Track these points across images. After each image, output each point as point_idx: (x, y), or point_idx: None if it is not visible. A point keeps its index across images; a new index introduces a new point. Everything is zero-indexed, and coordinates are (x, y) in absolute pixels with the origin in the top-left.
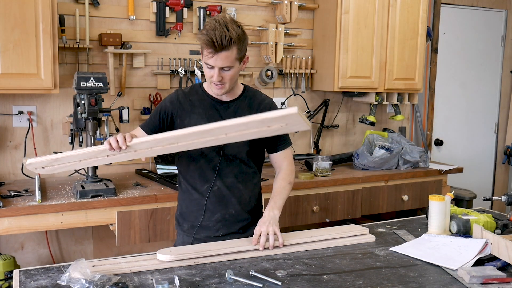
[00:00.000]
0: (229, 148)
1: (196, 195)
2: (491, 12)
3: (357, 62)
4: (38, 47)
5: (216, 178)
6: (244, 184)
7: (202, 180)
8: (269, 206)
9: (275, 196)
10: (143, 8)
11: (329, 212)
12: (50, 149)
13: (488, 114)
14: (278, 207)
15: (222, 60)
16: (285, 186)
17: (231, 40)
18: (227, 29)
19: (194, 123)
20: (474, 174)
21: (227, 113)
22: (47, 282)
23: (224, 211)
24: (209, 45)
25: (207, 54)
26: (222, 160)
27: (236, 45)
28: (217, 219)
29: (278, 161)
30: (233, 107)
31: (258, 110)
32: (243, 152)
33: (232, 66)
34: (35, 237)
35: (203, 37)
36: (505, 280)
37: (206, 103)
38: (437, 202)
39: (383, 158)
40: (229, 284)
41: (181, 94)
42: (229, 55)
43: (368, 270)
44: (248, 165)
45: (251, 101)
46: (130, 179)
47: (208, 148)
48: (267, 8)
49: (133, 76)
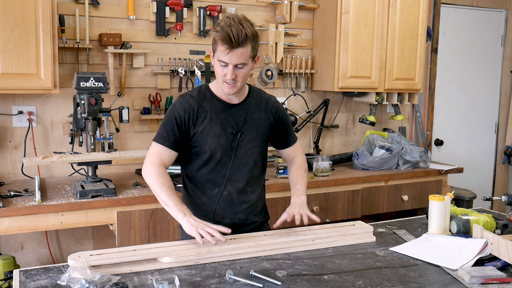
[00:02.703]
0: (241, 151)
1: (204, 199)
2: (491, 12)
3: (357, 62)
4: (38, 47)
5: (227, 183)
6: (252, 188)
7: (212, 185)
8: (294, 193)
9: (297, 184)
10: (143, 8)
11: (329, 212)
12: (50, 149)
13: (488, 114)
14: (303, 192)
15: (238, 57)
16: (303, 174)
17: (247, 37)
18: (242, 26)
19: (208, 129)
20: (474, 174)
21: (238, 115)
22: (47, 282)
23: (233, 215)
24: (226, 41)
25: (224, 50)
26: (234, 165)
27: (250, 42)
28: (225, 223)
29: (291, 154)
30: (244, 108)
31: (266, 110)
32: (256, 154)
33: (246, 64)
34: (35, 237)
35: (219, 34)
36: (505, 280)
37: (217, 107)
38: (437, 202)
39: (383, 158)
40: (229, 284)
41: (192, 101)
42: (245, 52)
43: (368, 270)
44: (258, 167)
45: (258, 100)
46: (130, 179)
47: (221, 153)
48: (267, 8)
49: (133, 76)
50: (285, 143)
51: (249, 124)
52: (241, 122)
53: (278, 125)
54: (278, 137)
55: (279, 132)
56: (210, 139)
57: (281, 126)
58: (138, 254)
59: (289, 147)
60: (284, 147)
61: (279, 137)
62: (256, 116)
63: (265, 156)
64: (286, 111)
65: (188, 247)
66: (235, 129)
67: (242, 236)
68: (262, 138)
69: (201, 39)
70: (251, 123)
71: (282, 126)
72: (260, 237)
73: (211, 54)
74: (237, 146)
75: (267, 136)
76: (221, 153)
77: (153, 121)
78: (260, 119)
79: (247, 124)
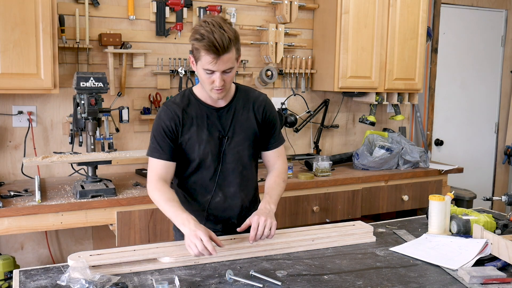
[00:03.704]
0: (229, 156)
1: (196, 207)
2: (491, 12)
3: (357, 62)
4: (38, 47)
5: (217, 190)
6: (245, 192)
7: (203, 191)
8: (264, 200)
9: (270, 191)
10: (143, 8)
11: (329, 212)
12: (50, 149)
13: (488, 114)
14: (274, 202)
15: (225, 63)
16: (280, 183)
17: (231, 41)
18: (223, 29)
19: (196, 136)
20: (474, 174)
21: (224, 118)
22: (47, 282)
23: (226, 221)
24: (211, 50)
25: (210, 61)
26: (224, 169)
27: (234, 45)
28: (219, 229)
29: (272, 160)
30: (230, 111)
31: (254, 109)
32: (245, 156)
33: (233, 67)
34: (35, 237)
35: (201, 43)
36: (505, 280)
37: (203, 112)
38: (437, 202)
39: (383, 158)
40: (229, 284)
41: (176, 108)
42: (231, 56)
43: (368, 270)
44: (249, 170)
45: (245, 100)
46: (130, 179)
47: (210, 159)
48: (267, 8)
49: (133, 76)
50: (266, 145)
51: (236, 127)
52: (227, 125)
53: (264, 124)
54: (263, 138)
55: (264, 133)
56: (197, 146)
57: (266, 126)
58: (138, 254)
59: (270, 150)
60: (268, 149)
61: (264, 138)
62: (244, 118)
63: (256, 158)
64: (275, 111)
65: None
66: (221, 133)
67: (242, 236)
68: (251, 140)
69: None
70: (238, 126)
71: (267, 126)
72: None
73: (192, 61)
74: (225, 151)
75: (255, 137)
76: (210, 159)
77: (153, 121)
78: (247, 120)
79: (234, 127)
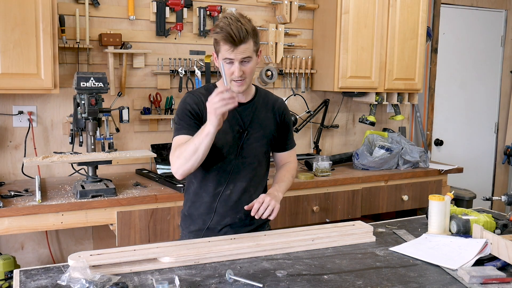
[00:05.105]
0: (247, 150)
1: (206, 198)
2: (491, 12)
3: (357, 62)
4: (38, 47)
5: (230, 182)
6: (255, 188)
7: (215, 183)
8: (273, 187)
9: (280, 182)
10: (143, 8)
11: (329, 212)
12: (50, 149)
13: (488, 114)
14: (282, 191)
15: (242, 52)
16: (289, 177)
17: (247, 32)
18: (241, 22)
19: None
20: (474, 174)
21: (245, 114)
22: (47, 282)
23: (234, 215)
24: (228, 40)
25: (228, 49)
26: (239, 163)
27: (251, 37)
28: (226, 223)
29: (284, 160)
30: (251, 108)
31: (273, 110)
32: (261, 153)
33: (251, 57)
34: (35, 237)
35: (220, 34)
36: (505, 280)
37: None
38: (437, 202)
39: (383, 158)
40: (229, 284)
41: (201, 95)
42: (248, 47)
43: (368, 270)
44: (262, 167)
45: (265, 100)
46: (130, 179)
47: (227, 150)
48: (267, 8)
49: (133, 76)
50: (283, 147)
51: (255, 123)
52: (248, 121)
53: (281, 126)
54: (278, 139)
55: (280, 134)
56: (216, 135)
57: (283, 128)
58: (138, 254)
59: (286, 152)
60: (281, 151)
61: (279, 139)
62: (263, 116)
63: (268, 157)
64: (291, 116)
65: (188, 247)
66: (241, 128)
67: (242, 236)
68: (268, 138)
69: (201, 39)
70: (258, 123)
71: (284, 128)
72: (260, 237)
73: (215, 56)
74: (243, 145)
75: (273, 136)
76: (227, 150)
77: (153, 121)
78: (266, 119)
79: (254, 123)
